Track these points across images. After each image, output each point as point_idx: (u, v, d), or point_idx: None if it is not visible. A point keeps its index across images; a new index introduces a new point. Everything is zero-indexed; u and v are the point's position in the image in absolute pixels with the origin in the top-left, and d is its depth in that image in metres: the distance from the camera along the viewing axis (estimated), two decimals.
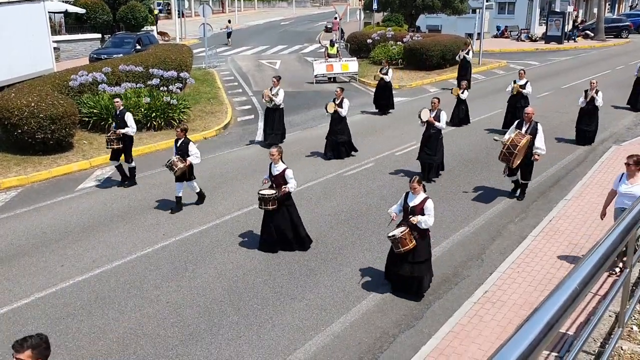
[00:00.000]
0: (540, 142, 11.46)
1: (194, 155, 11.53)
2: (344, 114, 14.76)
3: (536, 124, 11.50)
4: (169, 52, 22.36)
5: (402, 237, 8.03)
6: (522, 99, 16.86)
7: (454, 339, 7.24)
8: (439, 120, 12.86)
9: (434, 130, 13.00)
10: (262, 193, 9.67)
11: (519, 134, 11.22)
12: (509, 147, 11.00)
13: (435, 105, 13.02)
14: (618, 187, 8.31)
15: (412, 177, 8.48)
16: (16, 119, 14.38)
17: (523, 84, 16.89)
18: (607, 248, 3.51)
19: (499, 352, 2.33)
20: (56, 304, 8.47)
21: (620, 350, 5.11)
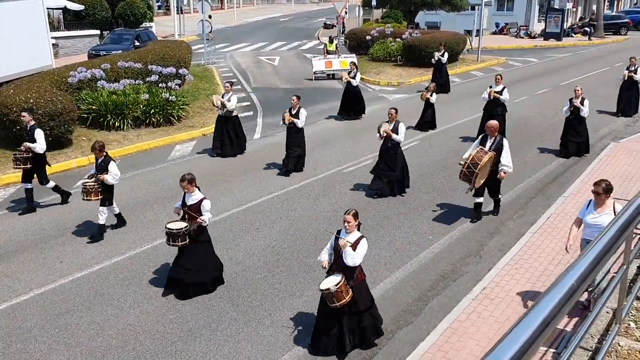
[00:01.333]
0: (506, 159, 10.46)
1: (111, 174, 10.08)
2: (301, 125, 13.36)
3: (501, 139, 10.49)
4: (167, 49, 22.33)
5: (337, 290, 6.74)
6: (499, 106, 15.57)
7: (452, 335, 7.26)
8: (397, 133, 11.78)
9: (392, 143, 11.88)
10: (169, 227, 8.26)
11: (480, 150, 10.18)
12: (469, 165, 9.97)
13: (393, 116, 11.86)
14: (584, 216, 7.42)
15: (348, 210, 7.13)
16: (15, 115, 14.35)
17: (499, 90, 15.50)
18: (605, 244, 3.53)
19: (497, 347, 2.35)
20: (55, 300, 8.48)
21: (617, 346, 5.14)
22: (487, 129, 10.58)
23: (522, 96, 21.95)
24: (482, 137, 10.67)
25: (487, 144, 10.47)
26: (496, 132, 10.51)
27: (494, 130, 10.48)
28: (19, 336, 7.63)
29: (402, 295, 8.55)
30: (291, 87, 24.41)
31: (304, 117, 13.54)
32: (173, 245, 8.34)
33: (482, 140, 10.60)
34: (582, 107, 14.22)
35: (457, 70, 27.89)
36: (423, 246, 10.09)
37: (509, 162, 10.49)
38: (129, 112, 16.97)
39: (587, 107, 14.33)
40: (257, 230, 10.78)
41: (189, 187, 8.32)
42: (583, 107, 14.24)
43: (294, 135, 13.62)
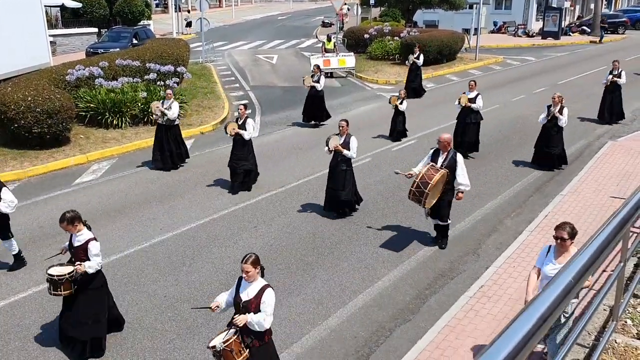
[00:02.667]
0: (462, 177, 9.27)
1: (6, 203, 8.88)
2: (248, 136, 12.14)
3: (455, 154, 9.28)
4: (165, 47, 22.30)
5: (226, 349, 5.33)
6: (473, 114, 14.45)
7: (450, 333, 7.29)
8: (349, 148, 10.59)
9: (342, 159, 10.74)
10: (50, 272, 6.85)
11: (431, 167, 8.95)
12: (418, 184, 8.77)
13: (344, 129, 10.67)
14: (543, 266, 6.17)
15: (246, 256, 5.73)
16: (13, 113, 14.35)
17: (473, 97, 14.32)
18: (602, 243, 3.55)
19: (494, 344, 2.36)
20: (53, 298, 8.46)
21: (614, 343, 5.16)
22: (439, 143, 9.30)
23: (520, 95, 22.01)
24: (433, 152, 9.43)
25: (438, 159, 9.27)
26: (449, 147, 9.31)
27: (446, 144, 9.27)
28: (17, 334, 7.63)
29: (400, 293, 8.57)
30: (289, 85, 24.42)
31: (252, 127, 12.32)
32: (55, 295, 6.95)
33: (433, 155, 9.39)
34: (561, 116, 13.00)
35: (455, 69, 27.94)
36: (421, 244, 10.11)
37: (466, 179, 9.29)
38: (127, 110, 16.97)
39: (565, 116, 13.05)
40: (255, 228, 10.79)
41: (71, 227, 6.93)
42: (561, 117, 13.00)
43: (240, 149, 12.22)
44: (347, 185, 10.85)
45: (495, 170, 13.87)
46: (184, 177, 13.58)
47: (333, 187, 10.93)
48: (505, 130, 17.18)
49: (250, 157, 12.41)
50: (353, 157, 10.80)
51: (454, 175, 9.24)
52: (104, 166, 14.45)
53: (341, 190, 10.84)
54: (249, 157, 12.38)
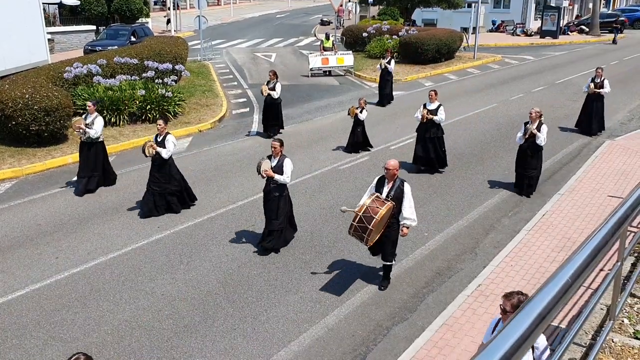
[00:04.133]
0: (408, 210, 8.16)
1: None
2: (167, 155, 10.73)
3: (402, 183, 8.13)
4: (164, 45, 22.28)
5: None
6: (434, 128, 13.09)
7: (447, 332, 7.30)
8: (282, 172, 9.38)
9: (274, 184, 9.47)
10: None
11: (376, 199, 7.85)
12: (361, 219, 7.68)
13: (277, 150, 9.37)
14: None
15: None
16: (10, 110, 14.32)
17: (434, 109, 12.99)
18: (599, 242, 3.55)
19: (492, 343, 2.36)
20: (51, 296, 8.48)
21: (611, 342, 5.17)
22: (385, 170, 8.13)
23: (518, 94, 22.02)
24: (378, 180, 8.31)
25: (383, 189, 8.16)
26: (396, 175, 8.18)
27: (392, 172, 8.10)
28: (14, 332, 7.62)
29: (398, 292, 8.58)
30: (288, 83, 24.39)
31: (172, 144, 10.84)
32: None
33: (377, 184, 8.26)
34: (539, 133, 11.51)
35: (453, 68, 27.94)
36: (418, 243, 10.12)
37: (413, 213, 8.19)
38: (125, 107, 16.94)
39: (544, 133, 11.58)
40: (254, 226, 10.79)
41: None
42: (540, 134, 11.50)
43: (158, 169, 10.90)
44: (280, 214, 9.55)
45: (493, 169, 13.88)
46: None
47: (268, 214, 9.70)
48: (503, 129, 17.19)
49: (172, 179, 11.03)
50: (287, 182, 9.48)
51: (400, 208, 8.11)
52: None
53: (274, 219, 9.58)
54: (171, 179, 11.01)
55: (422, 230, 10.62)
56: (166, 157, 10.76)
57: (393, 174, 8.11)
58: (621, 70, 27.22)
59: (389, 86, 20.55)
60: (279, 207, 9.57)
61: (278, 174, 9.36)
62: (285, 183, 9.49)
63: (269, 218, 9.66)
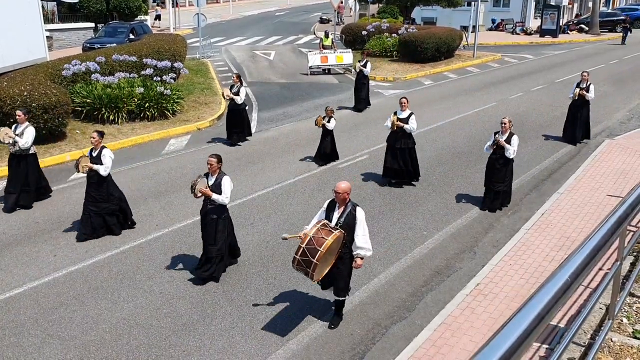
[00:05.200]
0: (362, 239, 7.16)
1: None
2: (105, 172, 9.82)
3: (354, 209, 7.16)
4: (162, 42, 22.23)
5: None
6: (405, 137, 12.15)
7: (445, 331, 7.29)
8: (220, 191, 8.46)
9: (212, 205, 8.56)
10: None
11: (322, 228, 6.89)
12: (304, 251, 6.72)
13: (214, 167, 8.52)
14: None
15: None
16: (8, 108, 14.26)
17: (405, 117, 12.03)
18: (599, 241, 3.54)
19: (490, 342, 2.35)
20: (49, 293, 8.46)
21: (610, 342, 5.16)
22: (335, 194, 7.18)
23: (517, 92, 22.02)
24: (328, 205, 7.35)
25: (333, 215, 7.20)
26: (347, 199, 7.18)
27: (342, 197, 7.12)
28: (12, 330, 7.60)
29: (396, 291, 8.57)
30: (287, 81, 24.37)
31: (109, 160, 9.89)
32: None
33: (328, 209, 7.31)
34: (508, 145, 10.77)
35: (452, 67, 27.93)
36: (417, 242, 10.11)
37: (367, 242, 7.21)
38: (123, 105, 16.91)
39: (515, 144, 10.84)
40: (252, 225, 10.77)
41: None
42: (509, 146, 10.77)
43: (97, 188, 9.93)
44: (219, 239, 8.61)
45: None
46: (180, 173, 13.55)
47: (205, 238, 8.79)
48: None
49: (111, 197, 10.09)
50: (225, 203, 8.59)
51: (352, 236, 7.16)
52: None
53: (211, 245, 8.62)
54: (110, 198, 10.07)
55: (421, 229, 10.61)
56: (104, 174, 9.81)
57: (343, 198, 7.13)
58: (621, 69, 27.24)
59: (365, 90, 19.57)
60: (217, 231, 8.59)
61: (216, 193, 8.43)
62: (224, 204, 8.56)
63: (206, 243, 8.71)
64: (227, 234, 8.78)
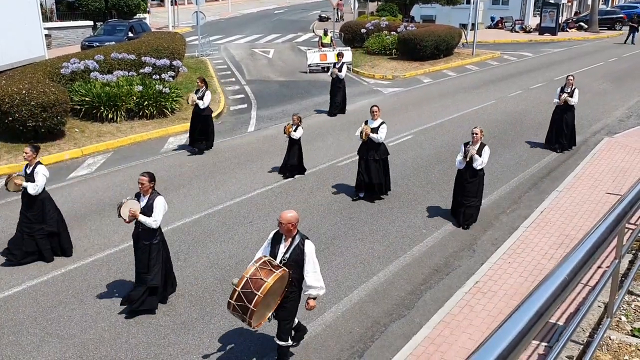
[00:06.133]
0: (312, 277, 6.24)
1: None
2: (35, 190, 8.84)
3: (302, 241, 6.23)
4: (161, 40, 22.22)
5: None
6: (376, 149, 11.31)
7: (444, 329, 7.29)
8: (150, 214, 7.63)
9: (143, 228, 7.71)
10: None
11: (262, 267, 5.96)
12: (239, 296, 5.85)
13: (146, 187, 7.75)
14: None
15: None
16: (7, 106, 14.26)
17: (376, 127, 11.20)
18: (597, 239, 3.54)
19: (489, 340, 2.35)
20: (48, 292, 8.45)
21: (608, 340, 5.17)
22: (279, 224, 6.17)
23: (517, 90, 22.01)
24: (273, 236, 6.38)
25: (279, 249, 6.27)
26: (294, 231, 6.21)
27: (287, 228, 6.14)
28: (11, 328, 7.60)
29: (396, 289, 8.57)
30: (286, 79, 24.35)
31: (42, 178, 8.89)
32: None
33: (273, 240, 6.37)
34: (479, 157, 10.04)
35: (452, 64, 27.91)
36: (416, 240, 10.11)
37: (318, 280, 6.28)
38: (122, 103, 16.89)
39: (486, 156, 10.12)
40: (251, 223, 10.77)
41: None
42: (479, 158, 10.03)
43: (28, 207, 9.03)
44: (152, 266, 7.73)
45: (491, 165, 13.83)
46: (178, 171, 13.54)
47: (136, 267, 7.97)
48: (501, 126, 17.19)
49: (48, 218, 9.06)
50: (153, 227, 7.67)
51: (301, 274, 6.22)
52: (98, 160, 14.39)
53: (144, 274, 7.76)
54: (46, 218, 9.06)
55: (420, 227, 10.61)
56: (33, 193, 8.76)
57: (289, 229, 6.14)
58: (620, 67, 27.24)
59: (341, 95, 18.57)
60: (150, 258, 7.72)
61: (147, 215, 7.60)
62: (152, 227, 7.65)
63: (139, 271, 7.87)
64: (162, 260, 7.85)
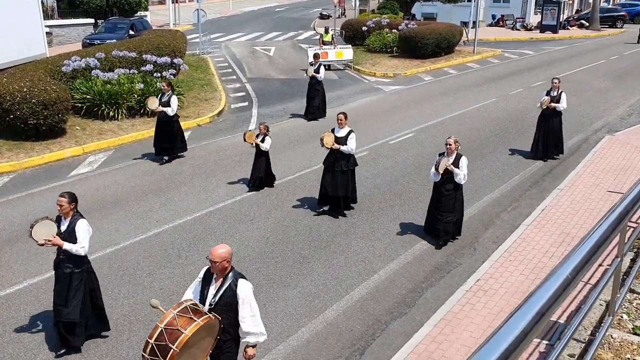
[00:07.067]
0: (249, 322, 5.24)
1: None
2: None
3: (235, 280, 5.22)
4: (162, 38, 22.19)
5: None
6: (344, 159, 10.52)
7: (445, 327, 7.29)
8: (72, 239, 6.66)
9: (65, 255, 6.76)
10: None
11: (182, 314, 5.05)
12: (153, 349, 4.87)
13: (66, 209, 6.69)
14: None
15: None
16: (8, 104, 14.27)
17: (343, 136, 10.44)
18: (599, 237, 3.54)
19: (491, 339, 2.35)
20: (49, 289, 8.40)
21: (610, 338, 5.16)
22: (211, 263, 5.19)
23: (518, 88, 21.98)
24: (205, 274, 5.43)
25: (209, 290, 5.31)
26: (227, 268, 5.23)
27: (220, 266, 5.18)
28: (12, 326, 7.61)
29: (396, 287, 8.57)
30: (287, 77, 24.33)
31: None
32: None
33: (204, 280, 5.41)
34: (457, 170, 9.19)
35: (453, 62, 27.88)
36: (417, 238, 10.10)
37: (257, 326, 5.28)
38: (123, 101, 16.89)
39: (464, 167, 9.25)
40: (252, 221, 10.77)
41: None
42: (458, 171, 9.18)
43: None
44: (72, 299, 6.80)
45: (492, 163, 13.86)
46: (180, 169, 13.54)
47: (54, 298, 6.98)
48: (502, 124, 17.17)
49: None
50: (80, 254, 6.73)
51: (236, 319, 5.25)
52: (100, 158, 14.39)
53: (62, 307, 6.84)
54: None
55: (421, 225, 10.60)
56: None
57: (222, 267, 5.19)
58: (621, 65, 27.20)
59: (320, 98, 17.70)
60: (69, 289, 6.76)
61: (69, 241, 6.63)
62: (80, 255, 6.72)
63: (56, 305, 6.87)
64: (85, 292, 6.90)
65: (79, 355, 7.05)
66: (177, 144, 13.84)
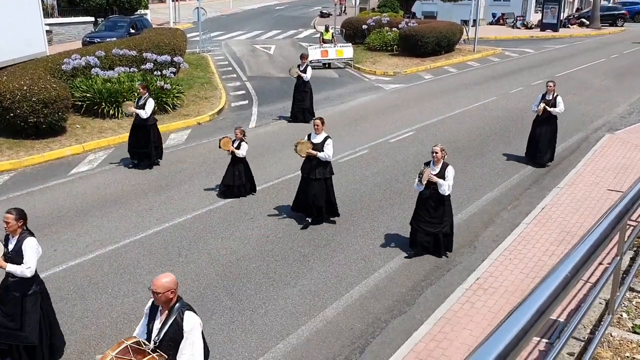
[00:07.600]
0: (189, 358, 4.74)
1: None
2: None
3: (181, 313, 4.83)
4: (162, 36, 22.19)
5: None
6: (320, 166, 10.03)
7: (445, 325, 7.30)
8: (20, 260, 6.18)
9: (13, 278, 6.25)
10: None
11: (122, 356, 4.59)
12: None
13: (13, 226, 6.24)
14: None
15: None
16: (8, 102, 14.26)
17: (319, 143, 9.98)
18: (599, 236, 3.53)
19: (490, 337, 2.35)
20: (48, 288, 8.37)
21: (609, 336, 5.17)
22: (154, 294, 4.77)
23: (518, 87, 21.97)
24: (150, 308, 5.00)
25: (154, 323, 4.90)
26: (173, 300, 4.84)
27: (164, 297, 4.77)
28: None
29: (396, 285, 8.58)
30: (287, 76, 24.28)
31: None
32: None
33: (150, 313, 4.99)
34: (442, 181, 8.72)
35: (453, 61, 27.88)
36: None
37: None
38: (123, 100, 16.86)
39: (451, 178, 8.78)
40: (252, 219, 10.77)
41: None
42: (443, 182, 8.71)
43: None
44: (27, 322, 6.30)
45: (492, 162, 13.86)
46: (180, 167, 13.54)
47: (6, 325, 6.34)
48: (502, 122, 17.17)
49: None
50: (26, 276, 6.19)
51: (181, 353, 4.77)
52: (100, 156, 14.39)
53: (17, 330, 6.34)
54: None
55: None
56: None
57: (166, 299, 4.76)
58: (621, 63, 27.18)
59: (309, 99, 17.31)
60: (23, 312, 6.22)
61: (16, 262, 6.13)
62: (25, 276, 6.18)
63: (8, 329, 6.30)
64: (41, 315, 6.38)
65: (79, 354, 7.06)
66: (152, 151, 13.22)
